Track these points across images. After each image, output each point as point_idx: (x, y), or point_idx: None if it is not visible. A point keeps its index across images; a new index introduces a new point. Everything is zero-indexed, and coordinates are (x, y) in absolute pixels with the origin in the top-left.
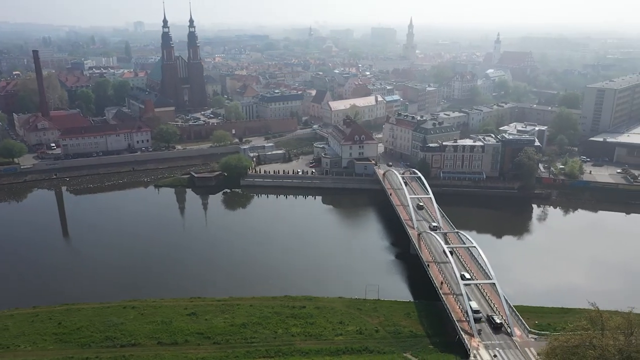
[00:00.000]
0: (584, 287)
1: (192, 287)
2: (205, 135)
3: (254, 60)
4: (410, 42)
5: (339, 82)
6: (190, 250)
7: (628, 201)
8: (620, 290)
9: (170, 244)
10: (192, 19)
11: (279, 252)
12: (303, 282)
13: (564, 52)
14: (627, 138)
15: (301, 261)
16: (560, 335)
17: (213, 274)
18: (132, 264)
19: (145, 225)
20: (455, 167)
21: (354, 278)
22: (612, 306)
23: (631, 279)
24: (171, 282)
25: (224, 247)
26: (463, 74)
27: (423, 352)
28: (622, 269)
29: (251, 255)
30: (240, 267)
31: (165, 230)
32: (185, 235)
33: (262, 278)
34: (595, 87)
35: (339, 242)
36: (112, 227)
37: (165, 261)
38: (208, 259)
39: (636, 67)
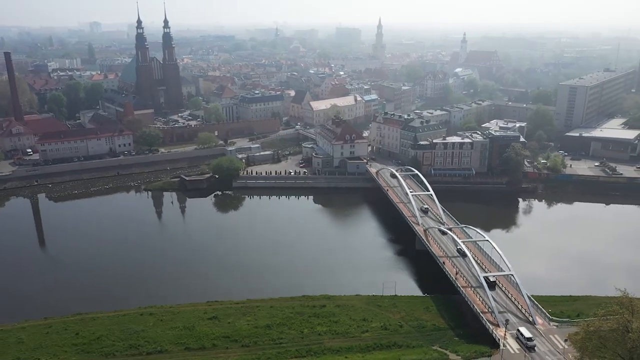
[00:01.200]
0: (582, 275)
1: (207, 291)
2: (188, 137)
3: (223, 61)
4: (380, 42)
5: (315, 83)
6: (196, 253)
7: (608, 192)
8: (616, 275)
9: (173, 249)
10: (166, 20)
11: (285, 253)
12: (317, 281)
13: (524, 51)
14: (601, 133)
15: (310, 261)
16: (595, 320)
17: (225, 277)
18: (139, 270)
19: (144, 230)
20: (445, 164)
21: (366, 275)
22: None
23: (620, 265)
24: (184, 286)
25: (229, 250)
26: (435, 73)
27: (451, 344)
28: (612, 256)
29: (259, 256)
30: (251, 269)
31: (165, 235)
32: (187, 239)
33: (275, 279)
34: (568, 84)
35: (342, 240)
36: (110, 234)
37: (173, 266)
38: (216, 262)
39: (592, 64)
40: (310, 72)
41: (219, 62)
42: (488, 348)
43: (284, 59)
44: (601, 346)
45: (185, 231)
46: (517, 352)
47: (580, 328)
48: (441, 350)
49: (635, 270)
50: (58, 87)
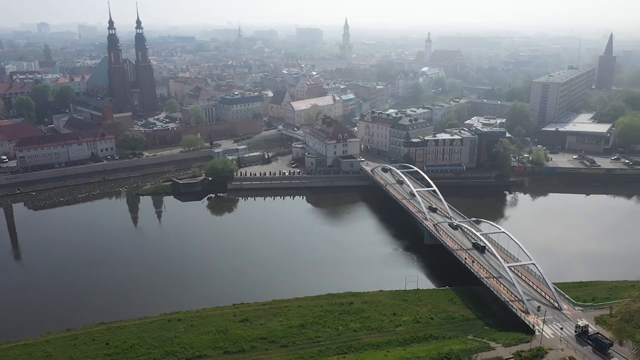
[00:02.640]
0: (582, 262)
1: (231, 294)
2: (171, 140)
3: (188, 62)
4: (347, 42)
5: (289, 83)
6: (208, 257)
7: (589, 184)
8: (614, 261)
9: (182, 254)
10: (139, 20)
11: (297, 252)
12: (338, 279)
13: (481, 50)
14: (574, 127)
15: (324, 259)
16: (630, 302)
17: (246, 279)
18: (154, 276)
19: (149, 236)
20: (436, 160)
21: (383, 271)
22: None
23: (614, 251)
24: (205, 291)
25: (240, 252)
26: (406, 72)
27: (484, 333)
28: (605, 243)
29: (273, 257)
30: (270, 270)
31: (170, 240)
32: (195, 243)
33: (296, 279)
34: (540, 81)
35: (348, 237)
36: (114, 242)
37: (189, 271)
38: (232, 265)
39: (547, 62)
40: (284, 73)
41: (184, 63)
42: (523, 334)
43: (251, 60)
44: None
45: (190, 235)
46: (551, 337)
47: (615, 311)
48: (477, 339)
49: (629, 255)
50: (24, 91)
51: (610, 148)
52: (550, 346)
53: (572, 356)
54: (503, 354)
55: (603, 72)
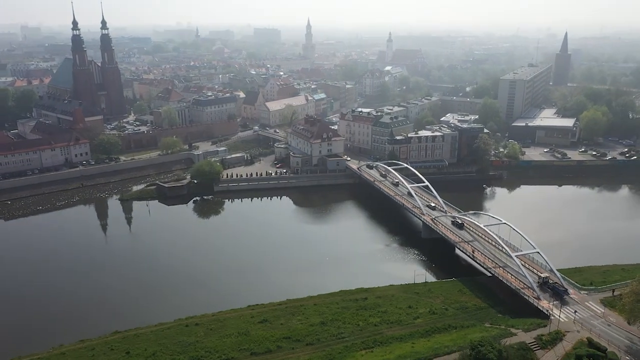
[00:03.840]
0: (571, 248)
1: (243, 296)
2: (147, 144)
3: (148, 63)
4: (310, 42)
5: (258, 83)
6: (210, 260)
7: (562, 175)
8: (600, 247)
9: (183, 258)
10: (104, 20)
11: (298, 251)
12: (345, 276)
13: (436, 49)
14: (541, 122)
15: (326, 256)
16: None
17: (254, 280)
18: (159, 282)
19: (143, 241)
20: (419, 156)
21: (388, 265)
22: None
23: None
24: (217, 293)
25: (243, 253)
26: (372, 71)
27: (499, 320)
28: (588, 230)
29: (275, 257)
30: (276, 270)
31: (166, 245)
32: (191, 247)
33: (304, 277)
34: (507, 79)
35: (344, 234)
36: (109, 247)
37: (194, 274)
38: (237, 267)
39: (500, 60)
40: (252, 73)
41: (144, 65)
42: (539, 319)
43: (214, 60)
44: None
45: (186, 239)
46: (565, 320)
47: (627, 292)
48: (496, 326)
49: (613, 241)
50: None
51: (576, 141)
52: (567, 329)
53: (589, 337)
54: (525, 338)
55: (559, 69)
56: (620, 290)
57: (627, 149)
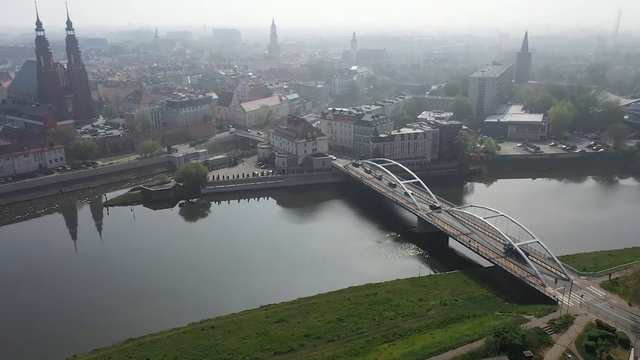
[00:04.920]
0: (557, 237)
1: (254, 296)
2: (123, 147)
3: (109, 65)
4: (275, 42)
5: (229, 84)
6: (211, 262)
7: (537, 168)
8: (584, 234)
9: (184, 261)
10: (69, 21)
11: (297, 250)
12: (351, 272)
13: (395, 49)
14: (512, 117)
15: (326, 254)
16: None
17: (260, 281)
18: (164, 287)
19: (138, 247)
20: (402, 153)
21: (390, 260)
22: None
23: (582, 225)
24: (225, 296)
25: (241, 255)
26: (341, 71)
27: (508, 308)
28: (570, 219)
29: (276, 256)
30: (278, 270)
31: (162, 249)
32: (191, 251)
33: (311, 275)
34: (477, 76)
35: (339, 232)
36: (104, 253)
37: (199, 277)
38: (238, 268)
39: (458, 59)
40: (222, 74)
41: (105, 66)
42: (548, 305)
43: (179, 61)
44: None
45: (182, 243)
46: (572, 304)
47: (631, 274)
48: (507, 314)
49: (596, 228)
50: None
51: (545, 135)
52: (575, 313)
53: (598, 319)
54: (539, 324)
55: (521, 67)
56: (617, 274)
57: (593, 142)
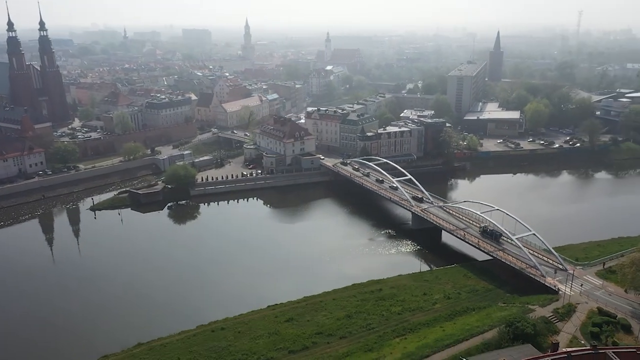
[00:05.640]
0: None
1: (260, 296)
2: (104, 150)
3: (80, 66)
4: (249, 42)
5: (206, 85)
6: (212, 264)
7: (518, 164)
8: (570, 226)
9: (184, 264)
10: (42, 21)
11: (296, 249)
12: (352, 269)
13: (367, 49)
14: (490, 115)
15: (325, 252)
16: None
17: (265, 280)
18: (171, 289)
19: (132, 251)
20: (389, 151)
21: (389, 256)
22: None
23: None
24: (231, 297)
25: (240, 255)
26: (318, 71)
27: (511, 299)
28: (554, 212)
29: (275, 256)
30: (280, 269)
31: (160, 252)
32: (189, 253)
33: (315, 273)
34: (455, 75)
35: (333, 230)
36: (99, 258)
37: (202, 279)
38: (239, 269)
39: (429, 59)
40: (199, 75)
41: (76, 68)
42: (550, 295)
43: (152, 62)
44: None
45: (178, 245)
46: (572, 293)
47: (627, 264)
48: (506, 305)
49: (582, 220)
50: None
51: (523, 132)
52: (577, 301)
53: (599, 306)
54: (544, 313)
55: (494, 65)
56: (610, 263)
57: (569, 138)
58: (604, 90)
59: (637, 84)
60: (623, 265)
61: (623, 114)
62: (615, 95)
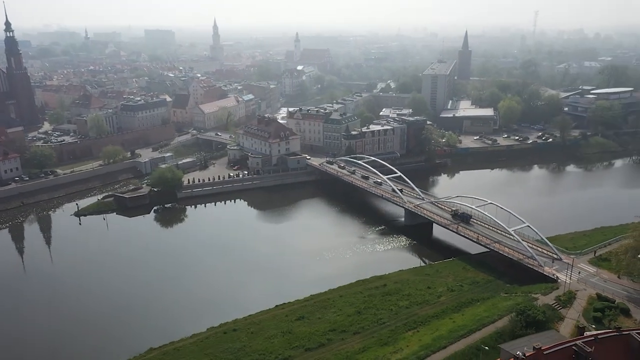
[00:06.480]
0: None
1: (266, 296)
2: (81, 154)
3: (42, 68)
4: (217, 42)
5: (179, 86)
6: (212, 266)
7: (496, 159)
8: (554, 218)
9: (184, 267)
10: (8, 22)
11: (295, 248)
12: (353, 266)
13: (333, 48)
14: (464, 112)
15: (324, 250)
16: (631, 241)
17: (267, 280)
18: (167, 293)
19: (132, 255)
20: (373, 149)
21: (386, 252)
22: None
23: (552, 208)
24: (236, 298)
25: (239, 256)
26: (291, 71)
27: (512, 289)
28: (539, 205)
29: (274, 256)
30: (281, 268)
31: (156, 256)
32: (186, 256)
33: (318, 270)
34: (429, 74)
35: (326, 229)
36: (94, 264)
37: (204, 282)
38: (241, 269)
39: (395, 58)
40: (171, 76)
41: (38, 70)
42: (550, 284)
43: (118, 63)
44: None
45: (169, 248)
46: (570, 281)
47: (621, 251)
48: (508, 295)
49: (565, 211)
50: None
51: (497, 128)
52: (576, 288)
53: (598, 292)
54: (547, 301)
55: (462, 64)
56: (600, 252)
57: (541, 133)
58: (568, 88)
59: (597, 81)
60: (618, 252)
61: (590, 109)
62: (581, 92)
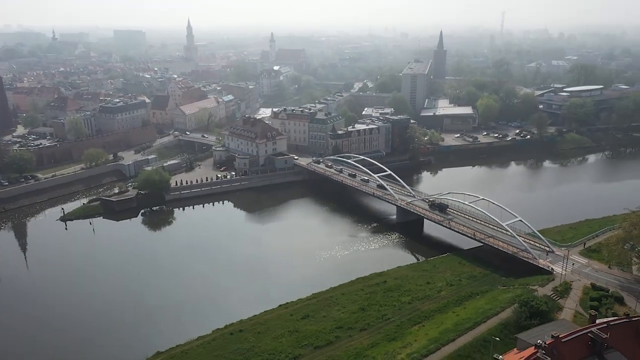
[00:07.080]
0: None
1: (269, 296)
2: (61, 158)
3: (9, 70)
4: (192, 43)
5: (156, 87)
6: (212, 267)
7: (478, 156)
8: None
9: (184, 269)
10: None
11: (293, 247)
12: (352, 264)
13: (306, 48)
14: (444, 110)
15: (323, 249)
16: (621, 232)
17: (267, 280)
18: (169, 295)
19: (127, 258)
20: (359, 148)
21: (385, 249)
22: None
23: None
24: (238, 299)
25: (238, 257)
26: (269, 71)
27: (509, 282)
28: (524, 200)
29: (273, 255)
30: (282, 268)
31: (154, 259)
32: (179, 258)
33: (318, 270)
34: (409, 74)
35: (319, 228)
36: (89, 270)
37: (205, 283)
38: (241, 270)
39: (369, 57)
40: (147, 77)
41: (5, 72)
42: (545, 275)
43: (90, 64)
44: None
45: (164, 251)
46: (565, 272)
47: (613, 242)
48: (505, 287)
49: (551, 205)
50: None
51: (477, 126)
52: (570, 279)
53: (593, 282)
54: (545, 292)
55: (438, 64)
56: (589, 243)
57: (518, 131)
58: (540, 86)
59: (568, 79)
60: (609, 243)
61: (564, 107)
62: (554, 90)
